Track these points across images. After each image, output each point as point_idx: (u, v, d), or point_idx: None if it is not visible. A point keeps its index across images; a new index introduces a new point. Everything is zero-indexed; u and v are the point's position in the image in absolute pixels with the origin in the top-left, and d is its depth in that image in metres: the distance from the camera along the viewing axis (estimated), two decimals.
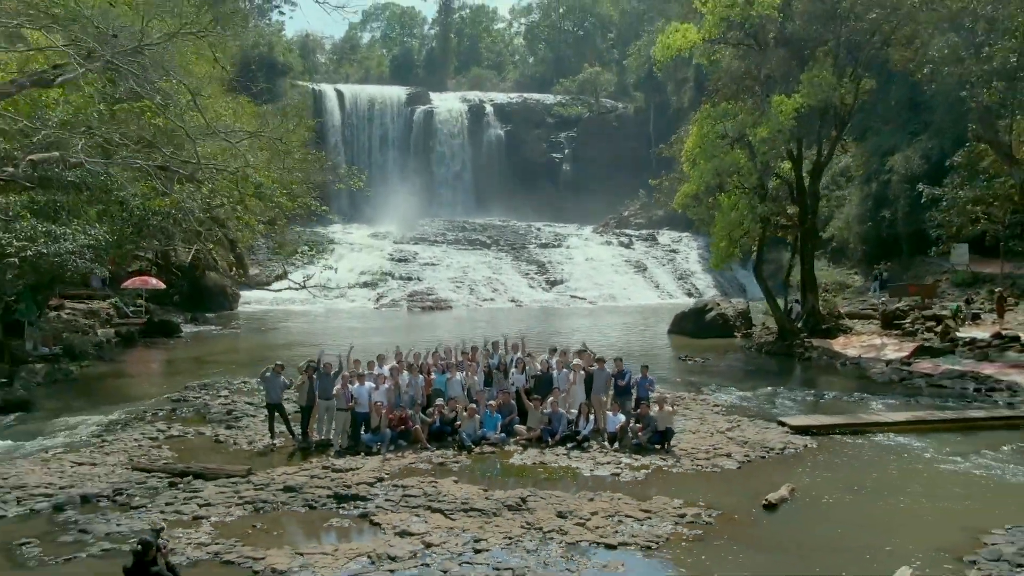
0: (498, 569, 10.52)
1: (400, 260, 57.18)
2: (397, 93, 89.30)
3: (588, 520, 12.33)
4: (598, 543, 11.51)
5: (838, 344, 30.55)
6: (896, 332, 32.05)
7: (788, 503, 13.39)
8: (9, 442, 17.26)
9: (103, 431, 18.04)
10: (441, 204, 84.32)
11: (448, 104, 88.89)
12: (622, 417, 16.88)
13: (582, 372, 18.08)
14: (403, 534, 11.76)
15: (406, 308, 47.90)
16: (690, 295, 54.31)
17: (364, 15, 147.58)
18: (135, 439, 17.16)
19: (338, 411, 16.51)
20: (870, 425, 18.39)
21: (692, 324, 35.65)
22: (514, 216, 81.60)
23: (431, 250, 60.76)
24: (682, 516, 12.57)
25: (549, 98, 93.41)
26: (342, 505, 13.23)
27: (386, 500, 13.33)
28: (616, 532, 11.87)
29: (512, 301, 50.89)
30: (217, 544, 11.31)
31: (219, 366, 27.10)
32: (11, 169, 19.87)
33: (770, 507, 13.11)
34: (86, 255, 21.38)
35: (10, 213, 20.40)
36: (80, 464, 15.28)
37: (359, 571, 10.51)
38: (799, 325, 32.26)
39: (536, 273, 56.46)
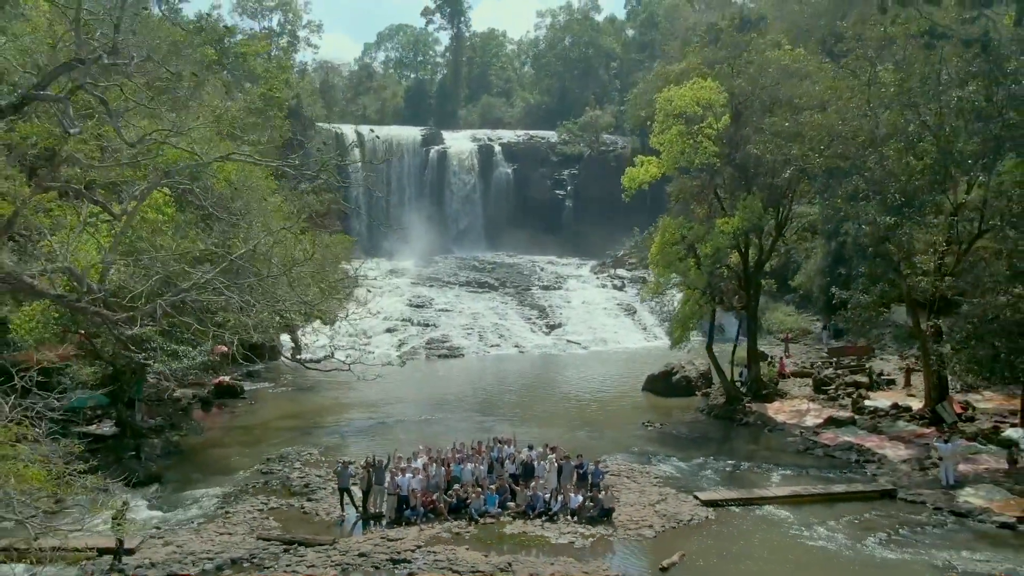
0: None
1: (418, 306, 65.02)
2: (413, 134, 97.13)
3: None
4: None
5: (772, 409, 38.21)
6: (822, 397, 39.75)
7: (677, 566, 21.15)
8: (159, 513, 25.17)
9: (223, 503, 25.95)
10: (454, 239, 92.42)
11: (460, 144, 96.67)
12: (580, 498, 24.66)
13: (556, 463, 25.90)
14: None
15: (424, 356, 55.74)
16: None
17: (378, 36, 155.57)
18: (248, 511, 25.05)
19: (388, 495, 24.37)
20: (757, 499, 26.09)
21: (661, 384, 43.32)
22: (521, 250, 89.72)
23: (445, 295, 68.62)
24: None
25: (553, 136, 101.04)
26: (396, 566, 21.07)
27: (423, 563, 21.17)
28: None
29: (516, 347, 58.63)
30: None
31: (286, 432, 35.09)
32: (148, 311, 27.68)
33: (664, 570, 20.88)
34: (196, 367, 29.31)
35: (144, 341, 28.24)
36: (220, 534, 23.17)
37: None
38: (744, 390, 39.97)
39: (537, 318, 64.23)
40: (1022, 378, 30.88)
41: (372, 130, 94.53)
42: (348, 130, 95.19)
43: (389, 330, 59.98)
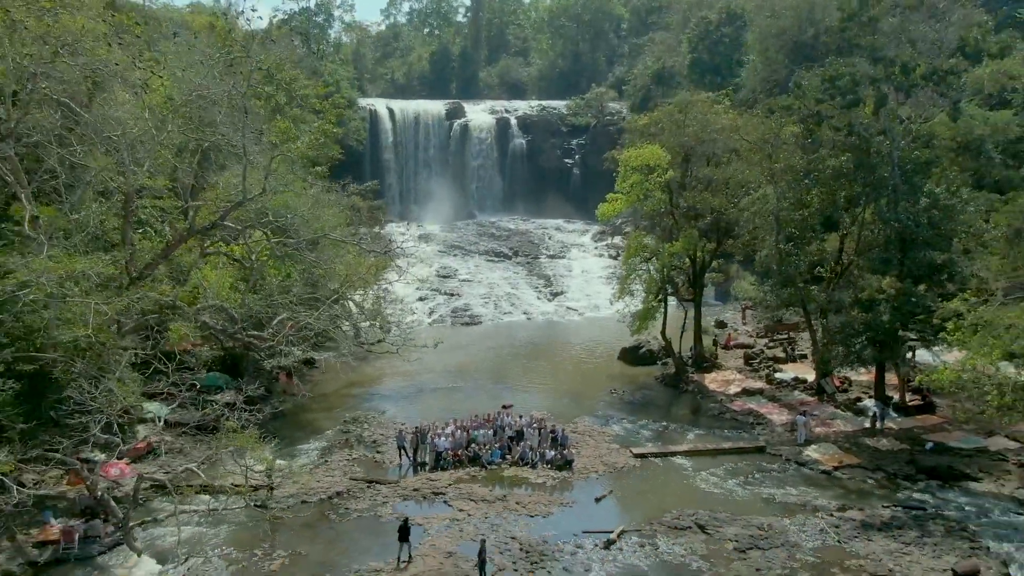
0: (494, 525, 32.02)
1: (444, 277, 78.40)
2: (438, 108, 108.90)
3: (532, 502, 33.90)
4: (533, 514, 33.02)
5: (708, 379, 51.46)
6: (748, 369, 52.95)
7: (607, 498, 34.77)
8: (282, 461, 39.06)
9: (322, 454, 39.83)
10: (476, 205, 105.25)
11: (480, 118, 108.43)
12: (552, 453, 38.27)
13: (538, 429, 39.52)
14: (459, 510, 33.38)
15: (450, 323, 69.20)
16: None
17: None
18: (340, 460, 38.89)
19: (430, 451, 38.13)
20: (670, 453, 39.60)
21: (631, 356, 56.59)
22: (533, 214, 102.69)
23: (467, 265, 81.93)
24: (564, 504, 34.11)
25: (563, 106, 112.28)
26: (436, 496, 34.84)
27: (453, 494, 34.91)
28: (540, 508, 33.40)
29: (524, 314, 71.92)
30: (395, 514, 33.02)
31: (351, 399, 48.92)
32: (277, 335, 41.14)
33: (598, 500, 34.52)
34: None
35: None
36: (326, 475, 37.02)
37: (448, 518, 32.12)
38: (690, 363, 53.21)
39: (543, 287, 77.41)
40: (869, 365, 43.98)
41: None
42: (380, 106, 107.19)
43: (421, 299, 73.30)
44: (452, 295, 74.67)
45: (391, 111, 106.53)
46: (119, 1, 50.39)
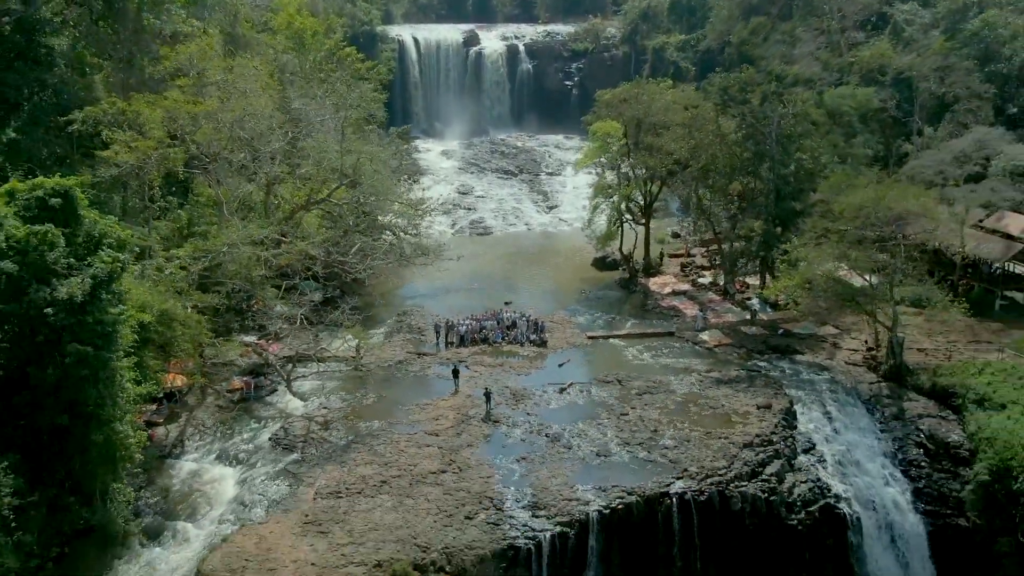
0: (495, 379, 53.67)
1: (463, 193, 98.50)
2: (456, 36, 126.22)
3: (519, 366, 55.60)
4: (519, 373, 54.73)
5: (652, 282, 72.15)
6: (681, 274, 73.63)
7: (566, 364, 56.34)
8: (360, 340, 60.66)
9: (385, 336, 61.46)
10: (488, 122, 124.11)
11: (492, 45, 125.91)
12: (535, 336, 59.72)
13: (525, 320, 60.90)
14: (474, 371, 55.04)
15: (468, 234, 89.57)
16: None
17: None
18: (398, 340, 60.51)
19: (455, 334, 59.67)
20: (612, 336, 60.94)
21: (599, 263, 77.17)
22: (536, 131, 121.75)
23: (481, 182, 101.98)
24: (538, 368, 55.81)
25: (566, 33, 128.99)
26: (460, 363, 56.44)
27: (471, 362, 56.56)
28: (524, 370, 55.11)
29: (526, 225, 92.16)
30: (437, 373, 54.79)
31: (399, 296, 70.17)
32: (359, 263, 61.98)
33: (561, 365, 56.13)
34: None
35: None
36: (391, 350, 58.68)
37: (467, 376, 53.89)
38: (640, 270, 73.92)
39: (542, 201, 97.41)
40: (757, 272, 64.67)
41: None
42: (407, 36, 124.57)
43: (445, 212, 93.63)
44: (469, 209, 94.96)
45: (416, 40, 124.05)
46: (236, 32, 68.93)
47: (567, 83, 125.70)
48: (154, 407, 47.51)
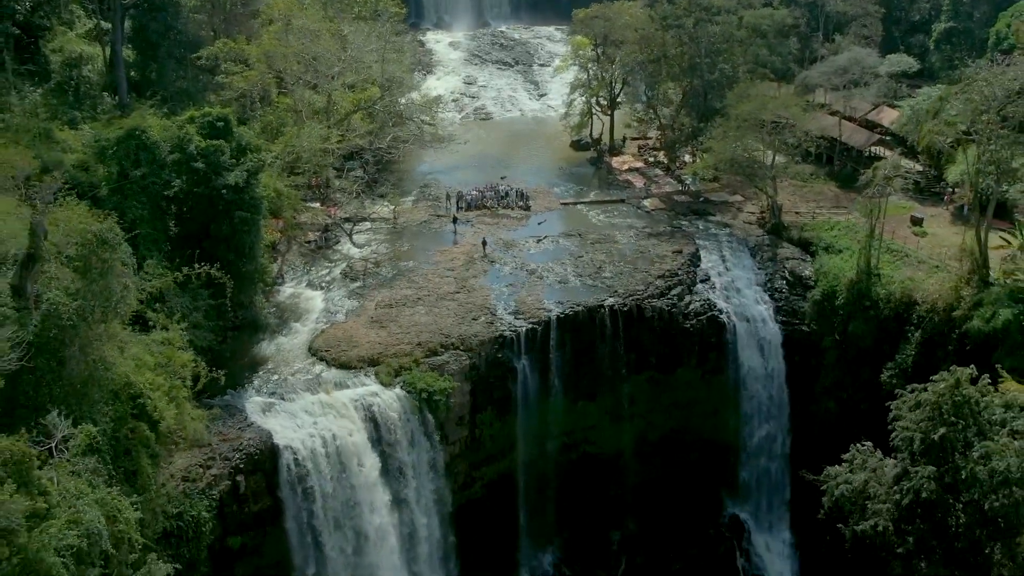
0: (492, 233, 76.18)
1: (468, 84, 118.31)
2: None
3: (510, 224, 78.15)
4: (510, 229, 77.27)
5: (615, 161, 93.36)
6: (639, 155, 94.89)
7: (544, 224, 78.73)
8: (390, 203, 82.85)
9: (413, 200, 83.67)
10: (489, 14, 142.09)
11: None
12: (522, 201, 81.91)
13: (515, 191, 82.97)
14: (476, 227, 77.61)
15: (474, 119, 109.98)
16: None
17: None
18: (423, 205, 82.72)
19: (464, 201, 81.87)
20: (579, 202, 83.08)
21: (575, 145, 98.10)
22: (533, 23, 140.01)
23: (483, 74, 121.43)
24: (524, 224, 78.36)
25: None
26: (467, 222, 78.86)
27: (474, 221, 78.96)
28: (513, 227, 77.68)
29: (520, 111, 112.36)
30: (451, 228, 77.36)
31: (419, 171, 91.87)
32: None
33: (540, 224, 78.54)
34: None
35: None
36: (417, 213, 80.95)
37: (471, 231, 76.49)
38: (607, 150, 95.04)
39: (533, 90, 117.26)
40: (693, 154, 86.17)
41: None
42: None
43: (454, 100, 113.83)
44: (474, 98, 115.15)
45: None
46: None
47: None
48: None
